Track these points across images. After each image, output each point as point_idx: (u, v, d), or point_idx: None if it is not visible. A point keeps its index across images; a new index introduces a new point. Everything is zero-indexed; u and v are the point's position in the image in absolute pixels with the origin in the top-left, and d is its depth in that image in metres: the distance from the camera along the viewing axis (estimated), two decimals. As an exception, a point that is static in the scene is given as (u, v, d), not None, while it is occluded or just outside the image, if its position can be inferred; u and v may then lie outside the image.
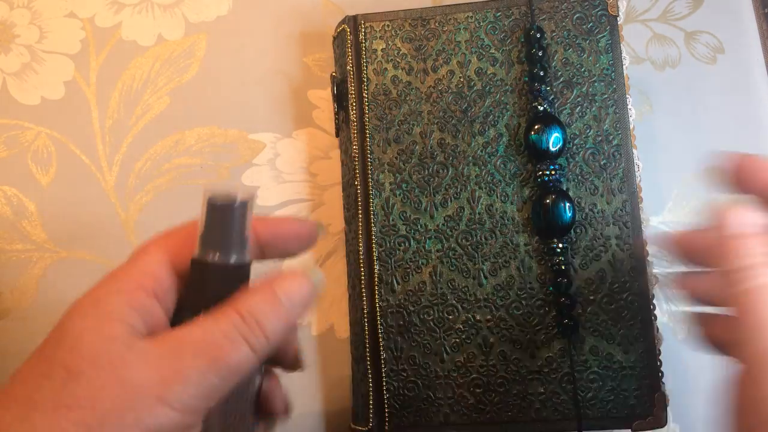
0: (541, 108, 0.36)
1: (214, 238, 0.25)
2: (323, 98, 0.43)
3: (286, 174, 0.43)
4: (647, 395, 0.35)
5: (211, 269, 0.25)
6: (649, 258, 0.36)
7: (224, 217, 0.25)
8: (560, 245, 0.36)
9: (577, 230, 0.36)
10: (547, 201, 0.35)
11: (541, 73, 0.37)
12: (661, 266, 0.40)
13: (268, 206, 0.42)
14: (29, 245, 0.43)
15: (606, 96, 0.37)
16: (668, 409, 0.35)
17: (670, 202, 0.41)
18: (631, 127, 0.37)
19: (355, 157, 0.38)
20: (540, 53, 0.37)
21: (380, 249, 0.37)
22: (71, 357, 0.22)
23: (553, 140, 0.36)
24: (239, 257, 0.25)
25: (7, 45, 0.45)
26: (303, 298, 0.25)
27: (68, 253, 0.43)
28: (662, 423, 0.35)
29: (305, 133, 0.43)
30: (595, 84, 0.37)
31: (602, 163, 0.37)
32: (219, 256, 0.25)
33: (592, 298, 0.36)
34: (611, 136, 0.37)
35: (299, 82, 0.44)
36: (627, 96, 0.37)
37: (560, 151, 0.36)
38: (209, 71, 0.44)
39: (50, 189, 0.43)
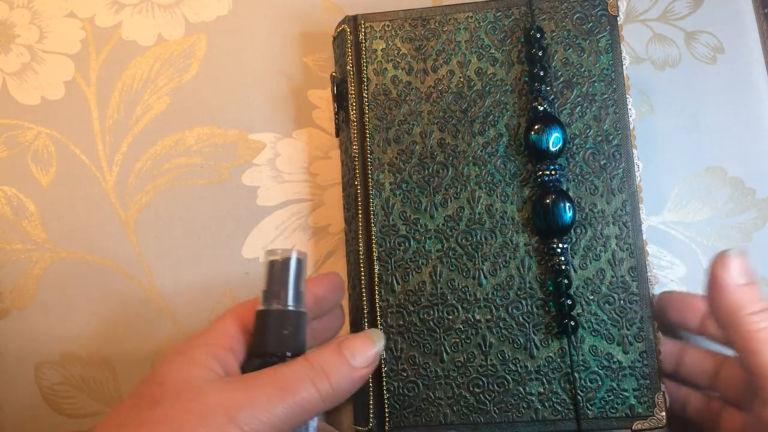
0: (541, 108, 0.36)
1: (273, 289, 0.29)
2: (323, 98, 0.43)
3: (286, 174, 0.43)
4: (647, 395, 0.35)
5: (271, 315, 0.29)
6: (649, 258, 0.36)
7: (281, 271, 0.29)
8: (560, 245, 0.36)
9: (577, 230, 0.36)
10: (547, 201, 0.35)
11: (541, 73, 0.37)
12: (660, 266, 0.40)
13: (268, 206, 0.42)
14: (29, 245, 0.43)
15: (606, 96, 0.37)
16: (668, 409, 0.35)
17: (670, 202, 0.41)
18: (631, 127, 0.37)
19: (355, 157, 0.38)
20: (540, 53, 0.37)
21: (380, 249, 0.37)
22: (158, 390, 0.26)
23: (553, 140, 0.36)
24: (295, 305, 0.29)
25: (7, 45, 0.45)
26: (366, 357, 0.29)
27: (68, 253, 0.43)
28: (662, 423, 0.35)
29: (305, 133, 0.43)
30: (595, 84, 0.37)
31: (602, 163, 0.37)
32: (278, 305, 0.29)
33: (592, 298, 0.36)
34: (611, 136, 0.37)
35: (299, 82, 0.44)
36: (627, 96, 0.37)
37: (560, 151, 0.36)
38: (209, 71, 0.44)
39: (50, 189, 0.43)
